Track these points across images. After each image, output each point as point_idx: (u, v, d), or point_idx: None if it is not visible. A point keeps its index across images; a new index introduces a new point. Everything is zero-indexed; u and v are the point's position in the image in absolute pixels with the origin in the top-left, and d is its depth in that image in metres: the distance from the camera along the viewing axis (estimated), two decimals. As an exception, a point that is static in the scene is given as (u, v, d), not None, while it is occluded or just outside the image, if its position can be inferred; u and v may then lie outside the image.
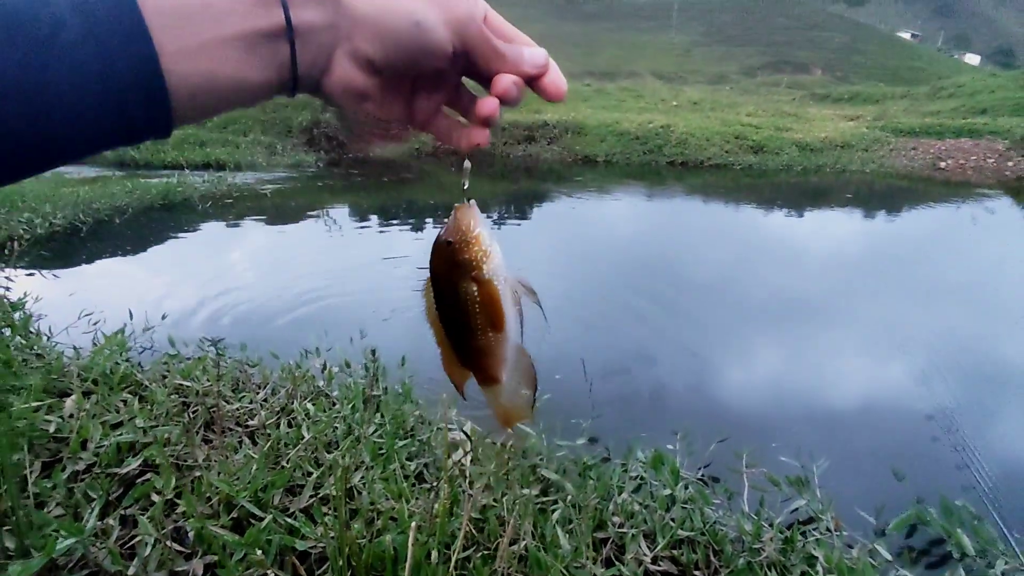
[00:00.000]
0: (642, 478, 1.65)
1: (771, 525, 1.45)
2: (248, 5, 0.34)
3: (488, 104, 0.43)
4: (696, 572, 1.32)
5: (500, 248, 0.48)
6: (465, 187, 0.47)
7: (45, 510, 1.19)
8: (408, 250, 5.37)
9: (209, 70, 0.33)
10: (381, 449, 1.55)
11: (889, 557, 1.40)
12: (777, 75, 33.95)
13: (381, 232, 6.18)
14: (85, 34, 0.30)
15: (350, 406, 1.81)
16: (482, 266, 0.46)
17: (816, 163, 11.74)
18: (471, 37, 0.40)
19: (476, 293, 0.46)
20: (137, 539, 1.15)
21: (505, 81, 0.42)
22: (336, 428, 1.67)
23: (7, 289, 2.91)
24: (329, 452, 1.54)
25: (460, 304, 0.46)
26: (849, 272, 5.05)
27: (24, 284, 3.48)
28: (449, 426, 1.81)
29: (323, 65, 0.38)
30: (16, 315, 2.31)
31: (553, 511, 1.37)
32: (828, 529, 1.50)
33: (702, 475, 1.83)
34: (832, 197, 9.06)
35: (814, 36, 46.56)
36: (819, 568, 1.28)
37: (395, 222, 6.74)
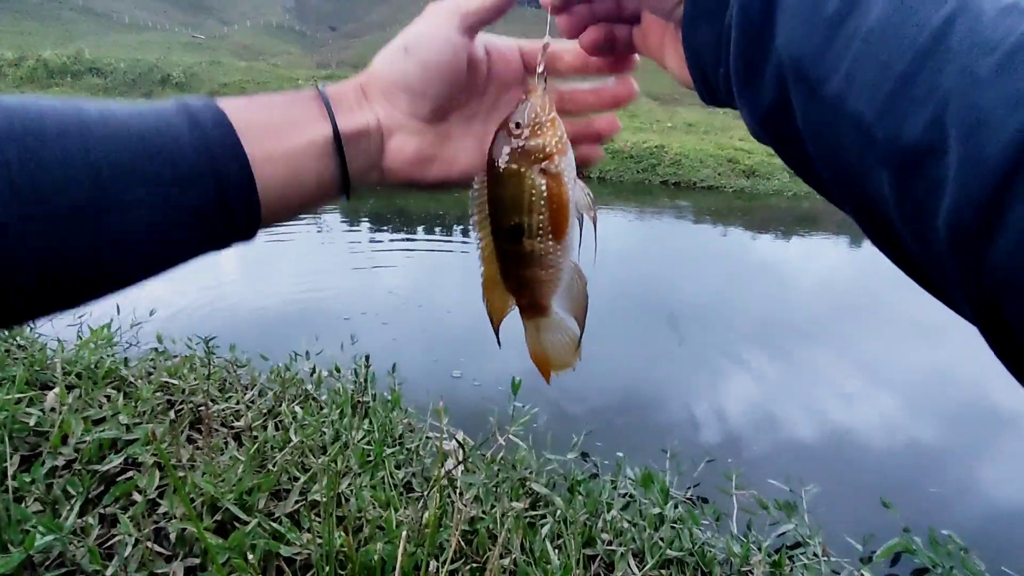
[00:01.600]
0: (631, 495, 1.64)
1: (759, 548, 1.45)
2: (311, 118, 0.39)
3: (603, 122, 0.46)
4: (684, 593, 1.31)
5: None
6: (541, 71, 0.43)
7: (23, 505, 1.16)
8: (397, 259, 5.35)
9: (289, 174, 0.37)
10: (369, 456, 1.53)
11: (876, 584, 1.40)
12: (771, 102, 34.42)
13: (373, 237, 6.16)
14: (199, 150, 0.34)
15: (338, 411, 1.79)
16: (555, 156, 0.40)
17: (806, 188, 11.89)
18: (479, 18, 0.41)
19: (543, 188, 0.40)
20: (117, 538, 1.12)
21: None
22: (324, 433, 1.65)
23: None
24: (316, 457, 1.52)
25: (521, 200, 0.40)
26: (841, 299, 5.10)
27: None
28: (438, 435, 1.79)
29: (378, 154, 0.42)
30: (0, 304, 2.27)
31: (542, 525, 1.35)
32: (815, 554, 1.50)
33: (691, 495, 1.82)
34: (822, 223, 9.18)
35: (808, 66, 47.45)
36: (807, 593, 1.28)
37: (387, 228, 6.73)
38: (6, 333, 2.06)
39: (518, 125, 0.40)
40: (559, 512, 1.42)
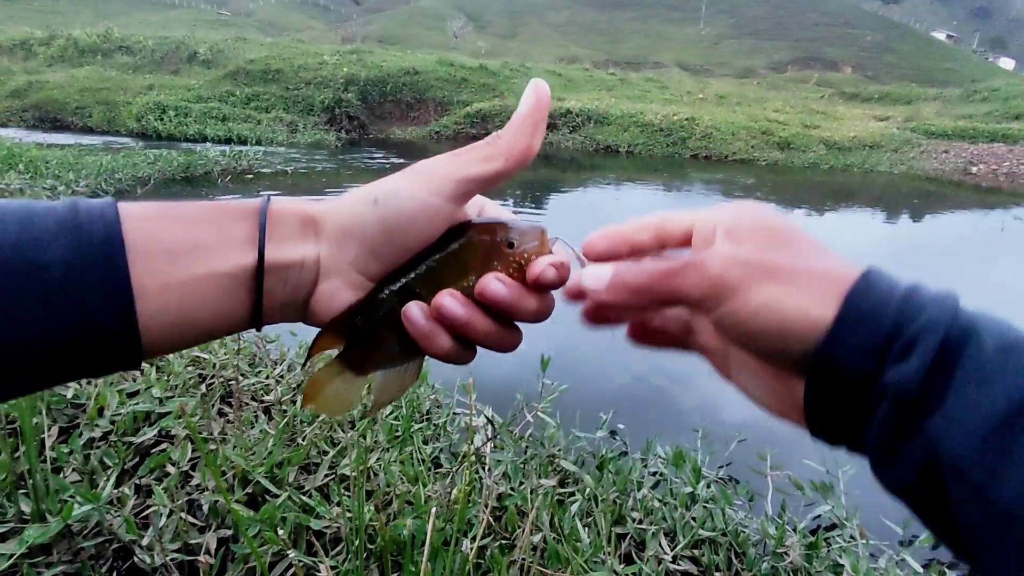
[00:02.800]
0: (662, 474, 1.62)
1: (795, 529, 1.41)
2: (233, 243, 0.33)
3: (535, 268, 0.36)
4: (717, 573, 1.28)
5: None
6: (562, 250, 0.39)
7: (61, 475, 1.18)
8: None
9: (186, 307, 0.32)
10: (397, 431, 1.53)
11: (919, 569, 1.35)
12: (806, 72, 33.30)
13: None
14: (68, 268, 0.29)
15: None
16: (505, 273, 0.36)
17: (844, 162, 11.51)
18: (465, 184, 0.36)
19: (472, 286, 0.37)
20: (152, 509, 1.14)
21: (485, 283, 0.36)
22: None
23: (30, 253, 2.93)
24: (345, 432, 1.52)
25: (454, 278, 0.37)
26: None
27: (46, 250, 3.50)
28: (465, 411, 1.78)
29: (305, 292, 0.36)
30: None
31: (572, 503, 1.34)
32: (853, 537, 1.46)
33: (722, 475, 1.79)
34: (859, 197, 8.88)
35: (846, 33, 45.55)
36: (846, 577, 1.24)
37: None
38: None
39: (511, 244, 0.37)
40: (588, 490, 1.41)
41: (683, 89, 18.64)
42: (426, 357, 0.38)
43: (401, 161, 9.61)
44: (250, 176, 7.10)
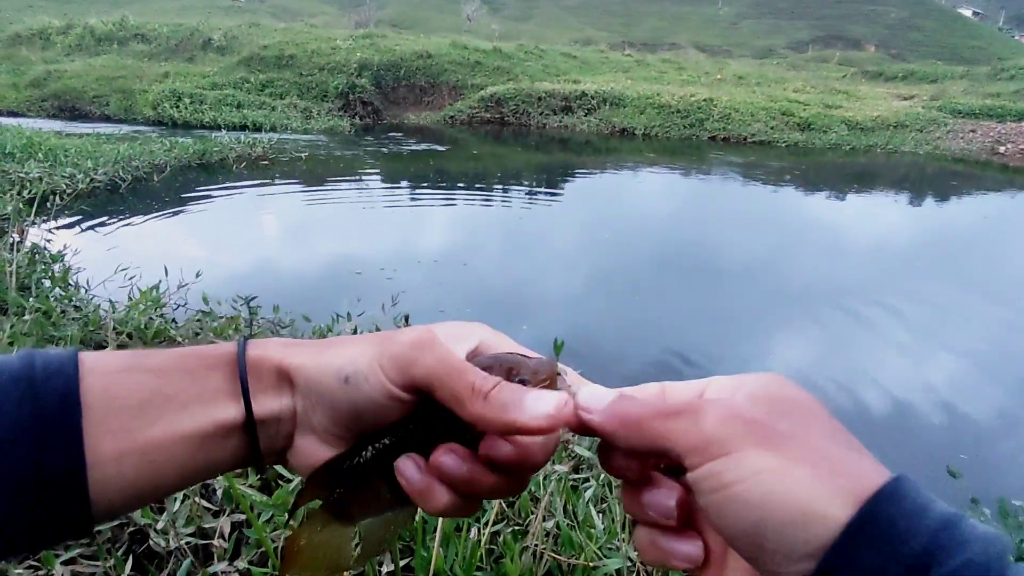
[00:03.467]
0: (677, 460, 1.60)
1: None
2: (210, 396, 0.31)
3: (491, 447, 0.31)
4: (734, 561, 1.26)
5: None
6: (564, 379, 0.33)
7: (78, 459, 1.19)
8: (437, 221, 5.33)
9: (148, 470, 0.29)
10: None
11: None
12: (828, 50, 32.49)
13: (413, 200, 6.14)
14: (17, 430, 0.27)
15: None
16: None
17: (866, 143, 11.25)
18: (427, 373, 0.30)
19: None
20: (166, 494, 1.14)
21: (490, 445, 0.31)
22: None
23: (48, 242, 2.97)
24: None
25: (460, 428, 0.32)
26: (899, 259, 4.83)
27: (64, 237, 3.55)
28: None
29: (284, 444, 0.33)
30: (56, 267, 2.35)
31: (585, 489, 1.32)
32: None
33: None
34: (883, 179, 8.68)
35: (869, 11, 44.28)
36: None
37: (427, 189, 6.70)
38: (62, 294, 2.14)
39: (523, 382, 0.31)
40: (603, 476, 1.39)
41: (701, 70, 18.29)
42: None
43: (419, 148, 9.57)
44: (265, 163, 7.13)
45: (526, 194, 6.61)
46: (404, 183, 7.04)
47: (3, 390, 0.27)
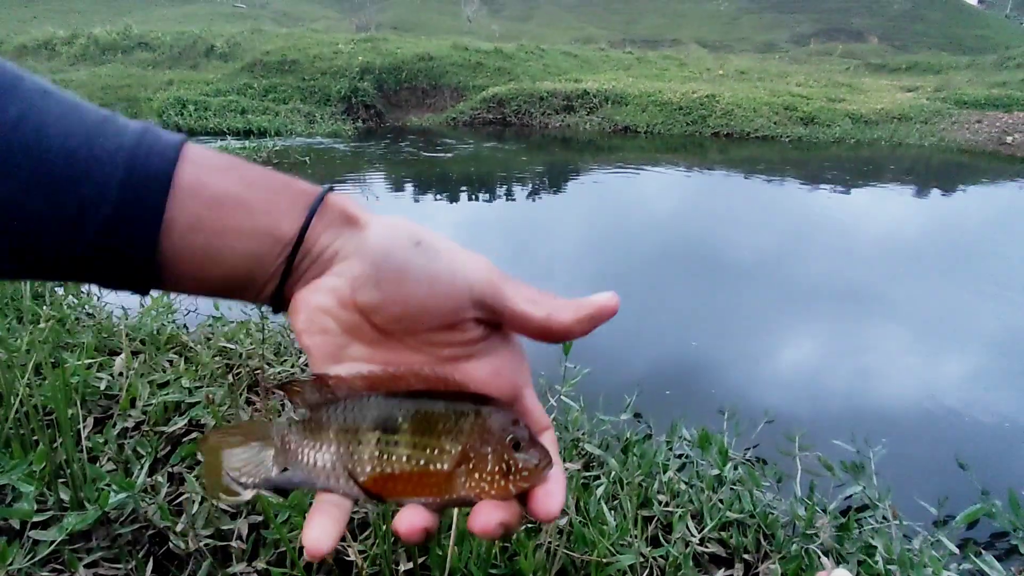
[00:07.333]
0: (687, 457, 1.60)
1: (824, 511, 1.39)
2: (279, 212, 0.33)
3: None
4: (746, 556, 1.27)
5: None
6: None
7: (98, 464, 1.21)
8: (441, 221, 5.34)
9: (211, 250, 0.32)
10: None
11: (955, 549, 1.33)
12: (830, 44, 32.29)
13: (416, 201, 6.16)
14: (116, 188, 0.30)
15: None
16: (483, 486, 0.33)
17: (870, 136, 11.19)
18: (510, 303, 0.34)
19: (461, 479, 0.34)
20: (185, 496, 1.16)
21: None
22: (377, 395, 1.66)
23: (60, 250, 2.99)
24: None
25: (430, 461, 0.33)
26: (905, 254, 4.81)
27: (76, 245, 3.57)
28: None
29: (302, 285, 0.35)
30: (69, 275, 2.37)
31: (597, 486, 1.33)
32: (885, 517, 1.43)
33: (749, 456, 1.76)
34: (887, 172, 8.63)
35: (872, 2, 43.98)
36: (879, 558, 1.22)
37: (430, 193, 6.72)
38: (76, 302, 2.16)
39: (517, 446, 0.33)
40: (614, 473, 1.40)
41: (702, 66, 18.24)
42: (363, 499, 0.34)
43: (421, 149, 9.59)
44: (270, 168, 7.18)
45: (528, 195, 6.62)
46: (407, 184, 7.06)
47: (110, 152, 0.30)
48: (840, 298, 3.69)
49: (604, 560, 1.09)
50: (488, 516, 0.32)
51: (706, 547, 1.27)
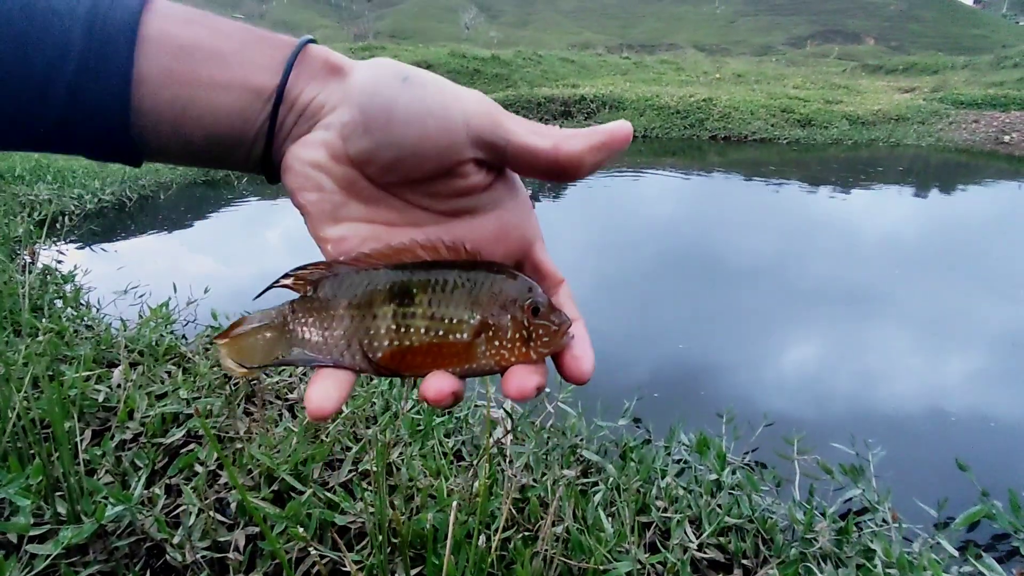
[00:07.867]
0: (686, 462, 1.60)
1: (823, 514, 1.39)
2: (258, 64, 0.31)
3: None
4: (745, 561, 1.27)
5: None
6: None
7: (95, 477, 1.22)
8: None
9: (190, 106, 0.31)
10: (419, 426, 1.54)
11: (955, 552, 1.32)
12: (827, 45, 32.40)
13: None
14: (77, 46, 0.28)
15: (388, 382, 1.80)
16: (508, 347, 0.33)
17: (868, 137, 11.20)
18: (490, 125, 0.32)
19: (481, 348, 0.34)
20: (181, 508, 1.16)
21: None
22: (374, 403, 1.66)
23: (59, 262, 3.01)
24: (367, 427, 1.54)
25: (447, 336, 0.33)
26: (905, 255, 4.81)
27: (74, 257, 3.60)
28: (486, 404, 1.78)
29: (291, 142, 0.33)
30: (67, 287, 2.38)
31: (595, 493, 1.33)
32: (885, 521, 1.43)
33: (748, 460, 1.76)
34: (885, 173, 8.64)
35: (868, 3, 44.14)
36: (878, 562, 1.21)
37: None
38: (74, 314, 2.17)
39: (536, 311, 0.33)
40: (611, 479, 1.40)
41: (699, 70, 18.30)
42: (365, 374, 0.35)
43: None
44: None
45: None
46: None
47: (68, 6, 0.28)
48: (840, 300, 3.69)
49: (601, 567, 1.08)
50: (523, 380, 0.32)
51: (704, 553, 1.27)
